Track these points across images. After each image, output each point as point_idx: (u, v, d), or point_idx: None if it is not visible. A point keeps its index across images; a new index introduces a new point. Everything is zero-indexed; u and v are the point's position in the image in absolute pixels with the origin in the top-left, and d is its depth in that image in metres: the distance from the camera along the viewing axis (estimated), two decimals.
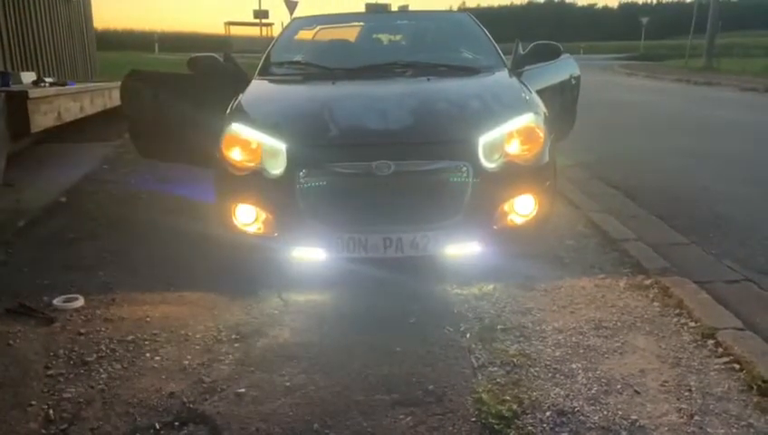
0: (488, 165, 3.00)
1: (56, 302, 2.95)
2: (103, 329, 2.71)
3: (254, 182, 3.09)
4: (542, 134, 3.20)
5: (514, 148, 3.12)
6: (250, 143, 3.16)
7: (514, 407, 2.11)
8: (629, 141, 7.73)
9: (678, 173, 5.81)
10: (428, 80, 3.72)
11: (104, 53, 13.63)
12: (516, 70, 4.10)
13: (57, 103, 5.37)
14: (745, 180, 5.45)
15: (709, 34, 25.45)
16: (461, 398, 2.16)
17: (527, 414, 2.08)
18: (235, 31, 49.57)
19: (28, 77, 6.36)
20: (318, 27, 4.95)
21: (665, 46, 42.63)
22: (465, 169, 2.95)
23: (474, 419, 2.05)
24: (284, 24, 5.49)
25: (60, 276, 3.28)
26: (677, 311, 2.81)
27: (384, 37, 4.88)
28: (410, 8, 6.54)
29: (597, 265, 3.38)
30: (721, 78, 18.98)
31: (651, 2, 78.16)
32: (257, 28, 38.18)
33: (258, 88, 3.85)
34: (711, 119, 10.20)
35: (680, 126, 9.20)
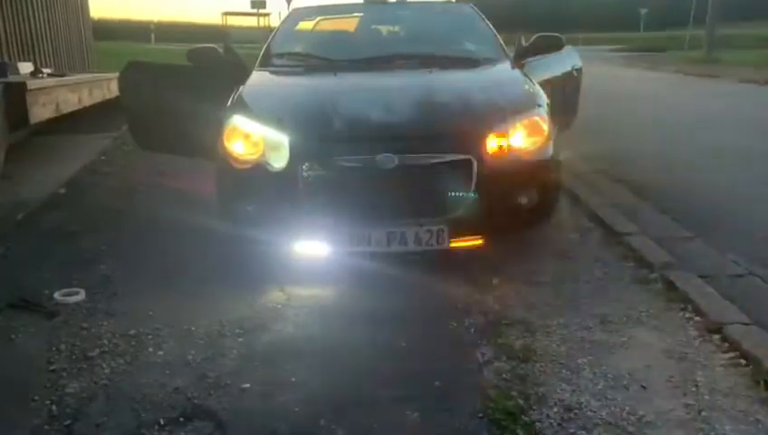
0: (492, 158, 2.99)
1: (57, 296, 2.93)
2: (105, 323, 2.69)
3: (256, 175, 3.06)
4: (546, 127, 3.18)
5: (519, 141, 3.10)
6: (252, 136, 3.13)
7: (521, 403, 2.10)
8: (632, 136, 7.71)
9: (682, 169, 5.79)
10: (431, 72, 3.68)
11: (100, 42, 13.52)
12: (519, 62, 4.07)
13: (55, 95, 5.32)
14: (747, 176, 5.42)
15: (709, 25, 25.33)
16: (467, 394, 2.16)
17: (534, 410, 2.07)
18: (232, 21, 49.32)
19: (25, 67, 6.30)
20: (318, 18, 4.91)
21: (664, 37, 42.44)
22: (469, 162, 2.93)
23: (481, 414, 2.04)
24: (281, 15, 5.44)
25: (60, 270, 3.25)
26: (683, 305, 2.79)
27: (386, 28, 4.84)
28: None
29: (601, 259, 3.37)
30: (722, 69, 18.90)
31: None
32: (254, 18, 38.06)
33: (259, 80, 3.82)
34: (717, 112, 10.18)
35: (685, 120, 9.17)
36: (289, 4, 26.10)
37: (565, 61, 4.96)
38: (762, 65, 19.20)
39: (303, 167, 2.94)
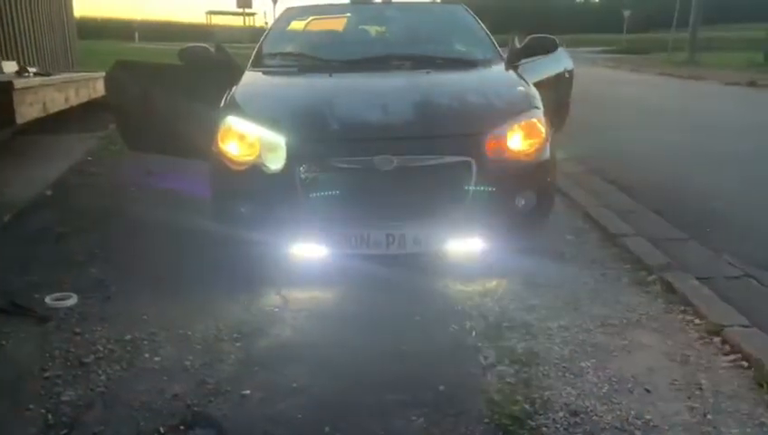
0: (491, 160, 2.97)
1: (49, 300, 2.85)
2: (99, 328, 2.62)
3: (252, 177, 3.02)
4: (543, 129, 3.18)
5: (517, 143, 3.09)
6: (247, 137, 3.08)
7: (527, 407, 2.08)
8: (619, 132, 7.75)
9: (672, 168, 5.83)
10: (428, 73, 3.66)
11: (83, 41, 13.32)
12: (513, 63, 4.06)
13: (42, 94, 5.23)
14: (738, 176, 5.47)
15: (692, 28, 25.63)
16: (472, 398, 2.13)
17: (540, 414, 2.05)
18: (217, 20, 48.93)
19: (9, 66, 6.18)
20: (311, 17, 4.86)
21: (647, 40, 42.82)
22: (468, 163, 2.91)
23: (487, 420, 2.02)
24: (267, 14, 5.39)
25: (51, 273, 3.17)
26: (682, 308, 2.80)
27: (380, 29, 4.80)
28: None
29: (598, 261, 3.37)
30: (705, 72, 19.11)
31: None
32: (239, 18, 37.82)
33: (253, 80, 3.77)
34: (706, 113, 10.28)
35: (679, 122, 9.25)
36: (275, 4, 26.02)
37: (557, 62, 4.96)
38: (743, 67, 19.49)
39: (301, 168, 2.90)
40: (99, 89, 7.01)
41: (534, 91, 3.51)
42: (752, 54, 22.38)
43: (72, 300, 2.86)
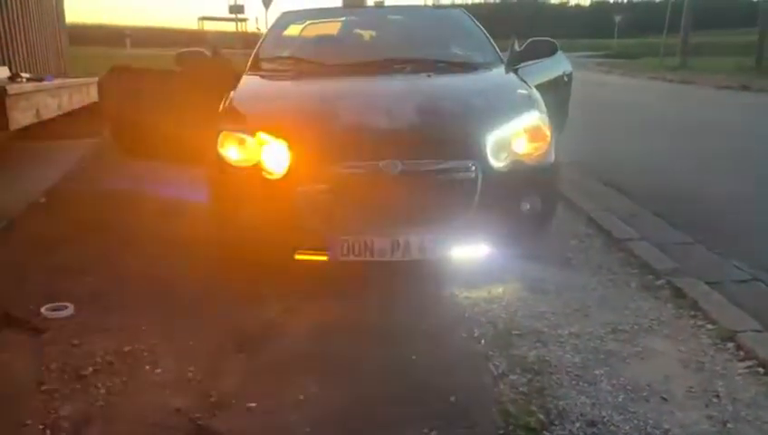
0: (496, 164, 2.92)
1: (44, 310, 2.77)
2: (97, 339, 2.54)
3: (252, 182, 2.95)
4: (548, 132, 3.13)
5: (522, 146, 3.04)
6: (248, 142, 3.01)
7: (542, 417, 2.02)
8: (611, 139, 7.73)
9: (670, 170, 5.81)
10: (429, 76, 3.61)
11: (74, 48, 13.19)
12: (513, 66, 4.02)
13: (35, 100, 5.14)
14: (735, 177, 5.45)
15: (684, 33, 25.83)
16: (486, 409, 2.07)
17: (556, 425, 1.99)
18: (209, 26, 48.66)
19: (2, 72, 6.08)
20: (308, 21, 4.81)
21: (637, 45, 43.10)
22: (473, 168, 2.86)
23: (502, 431, 1.96)
24: (258, 20, 5.34)
25: (46, 283, 3.09)
26: (693, 313, 2.75)
27: (380, 32, 4.75)
28: (385, 4, 6.39)
29: (605, 266, 3.32)
30: (697, 76, 19.23)
31: (622, 0, 79.64)
32: (232, 24, 37.73)
33: (252, 84, 3.70)
34: (695, 117, 10.30)
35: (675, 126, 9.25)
36: (267, 10, 25.94)
37: (557, 66, 4.93)
38: (734, 72, 19.61)
39: (303, 173, 2.83)
40: (92, 94, 6.94)
41: (537, 94, 3.48)
42: (741, 59, 22.53)
43: (69, 310, 2.78)
